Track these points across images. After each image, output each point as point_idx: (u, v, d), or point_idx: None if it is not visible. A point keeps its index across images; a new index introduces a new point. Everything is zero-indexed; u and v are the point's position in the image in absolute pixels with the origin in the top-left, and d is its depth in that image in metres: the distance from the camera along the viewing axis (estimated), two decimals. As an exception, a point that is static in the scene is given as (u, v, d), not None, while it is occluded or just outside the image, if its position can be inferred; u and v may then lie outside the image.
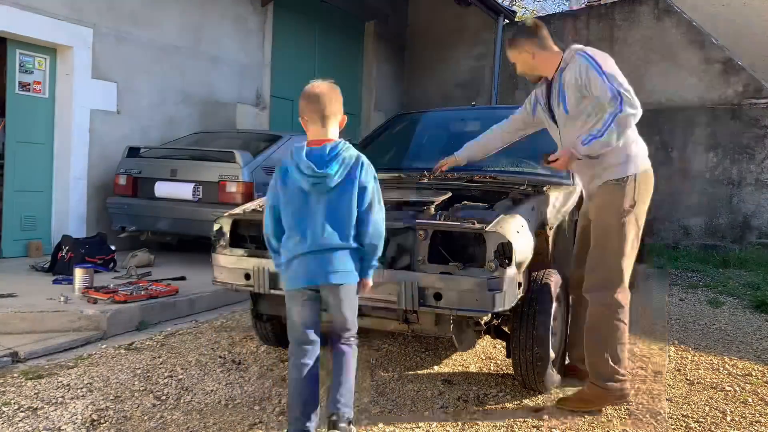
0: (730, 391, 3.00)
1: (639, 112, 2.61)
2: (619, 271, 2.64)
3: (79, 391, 2.76)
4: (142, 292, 4.01)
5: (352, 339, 2.26)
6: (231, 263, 2.92)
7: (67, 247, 4.83)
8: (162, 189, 5.49)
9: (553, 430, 2.50)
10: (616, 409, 2.71)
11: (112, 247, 5.13)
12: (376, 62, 10.35)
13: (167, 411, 2.58)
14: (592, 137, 2.57)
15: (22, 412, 2.53)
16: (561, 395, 2.80)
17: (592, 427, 2.54)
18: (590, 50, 2.70)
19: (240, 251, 2.97)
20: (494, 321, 2.86)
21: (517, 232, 2.51)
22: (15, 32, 5.38)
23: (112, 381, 2.90)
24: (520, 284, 2.58)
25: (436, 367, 3.21)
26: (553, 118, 2.90)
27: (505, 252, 2.45)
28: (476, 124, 4.31)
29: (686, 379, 3.18)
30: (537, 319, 2.70)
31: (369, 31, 10.27)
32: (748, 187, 8.06)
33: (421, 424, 2.50)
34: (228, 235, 3.01)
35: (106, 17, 6.09)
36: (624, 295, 2.67)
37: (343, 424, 2.11)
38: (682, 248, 8.27)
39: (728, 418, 2.67)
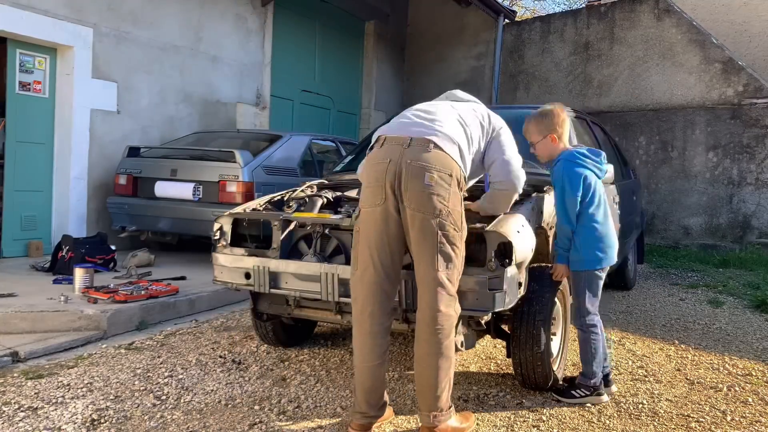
0: (730, 391, 3.00)
1: None
2: None
3: (79, 390, 2.76)
4: (142, 292, 4.01)
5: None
6: (231, 262, 2.92)
7: (67, 247, 4.83)
8: (162, 189, 5.49)
9: (552, 429, 2.50)
10: (617, 410, 2.71)
11: (112, 247, 5.13)
12: (376, 62, 10.35)
13: (167, 411, 2.58)
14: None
15: (22, 411, 2.52)
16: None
17: (592, 426, 2.54)
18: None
19: (240, 250, 2.97)
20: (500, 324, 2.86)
21: (517, 231, 2.51)
22: (15, 32, 5.38)
23: (112, 381, 2.90)
24: (520, 284, 2.58)
25: (436, 367, 3.20)
26: None
27: (505, 251, 2.44)
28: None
29: (686, 378, 3.18)
30: (537, 319, 2.70)
31: (369, 31, 10.27)
32: (748, 186, 8.06)
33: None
34: (228, 235, 3.01)
35: (106, 17, 6.09)
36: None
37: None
38: (682, 248, 8.28)
39: (728, 418, 2.67)
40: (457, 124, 2.43)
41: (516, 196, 2.63)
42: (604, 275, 2.79)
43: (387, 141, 2.36)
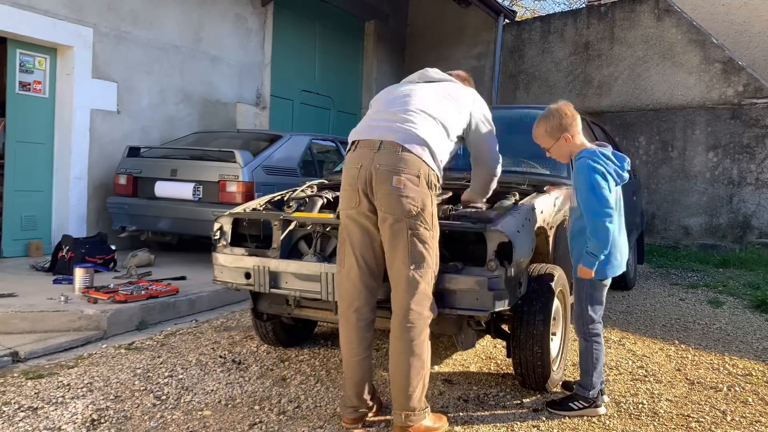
0: (730, 391, 3.00)
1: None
2: None
3: (79, 390, 2.76)
4: (142, 292, 4.01)
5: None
6: (231, 262, 2.92)
7: (67, 247, 4.83)
8: (162, 189, 5.49)
9: (552, 429, 2.50)
10: (617, 410, 2.71)
11: (113, 247, 5.13)
12: (376, 62, 10.35)
13: (167, 411, 2.58)
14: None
15: (22, 411, 2.52)
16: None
17: (592, 426, 2.54)
18: None
19: (240, 250, 2.97)
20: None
21: (517, 231, 2.51)
22: (15, 32, 5.38)
23: (113, 381, 2.90)
24: (520, 284, 2.58)
25: (436, 367, 3.21)
26: None
27: (505, 251, 2.45)
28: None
29: (686, 378, 3.18)
30: (537, 318, 2.70)
31: (369, 31, 10.27)
32: (748, 186, 8.06)
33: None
34: (228, 234, 3.01)
35: (106, 17, 6.09)
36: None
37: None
38: (682, 248, 8.28)
39: (728, 418, 2.67)
40: (430, 119, 2.41)
41: (496, 179, 2.78)
42: (609, 283, 2.67)
43: (360, 145, 2.40)
